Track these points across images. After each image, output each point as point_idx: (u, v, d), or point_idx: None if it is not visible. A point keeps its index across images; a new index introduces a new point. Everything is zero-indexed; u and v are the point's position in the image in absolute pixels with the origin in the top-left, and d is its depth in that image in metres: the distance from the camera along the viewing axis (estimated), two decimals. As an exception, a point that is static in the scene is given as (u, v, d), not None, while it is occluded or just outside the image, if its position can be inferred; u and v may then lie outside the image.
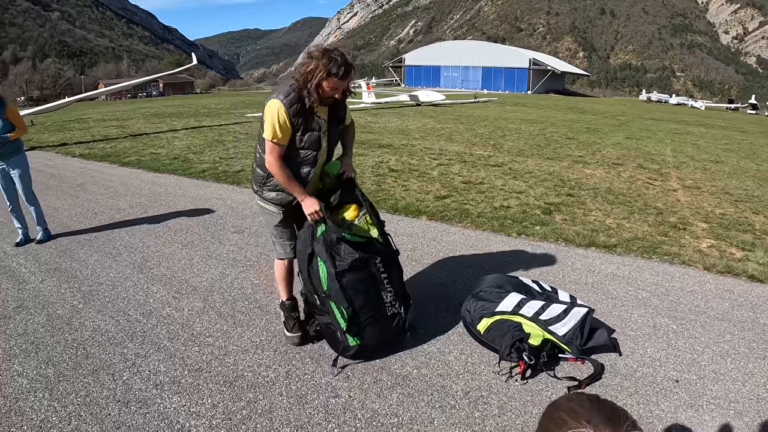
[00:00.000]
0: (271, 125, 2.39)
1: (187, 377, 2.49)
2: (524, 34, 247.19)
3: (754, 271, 3.91)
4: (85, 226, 4.91)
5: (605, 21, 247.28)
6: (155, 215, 5.27)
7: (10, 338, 2.85)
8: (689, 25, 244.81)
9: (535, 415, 2.30)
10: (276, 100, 2.39)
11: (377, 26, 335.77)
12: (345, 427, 2.17)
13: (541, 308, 2.72)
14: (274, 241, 2.82)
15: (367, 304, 2.56)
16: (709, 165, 9.25)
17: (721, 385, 2.56)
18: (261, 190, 2.67)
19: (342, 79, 2.35)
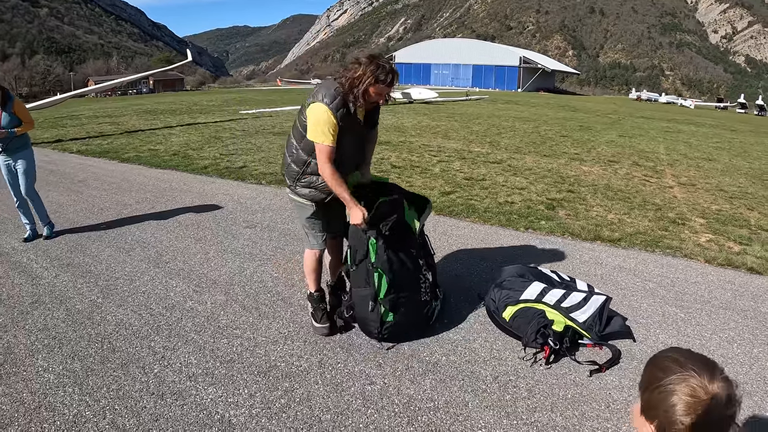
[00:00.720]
0: (320, 129, 2.46)
1: (220, 368, 2.52)
2: (514, 32, 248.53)
3: (752, 263, 4.07)
4: (93, 222, 4.87)
5: (595, 20, 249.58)
6: (163, 210, 5.26)
7: (31, 333, 2.84)
8: (678, 24, 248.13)
9: (561, 397, 2.40)
10: (322, 104, 2.46)
11: (367, 24, 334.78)
12: (384, 413, 2.24)
13: (562, 296, 2.82)
14: (307, 232, 2.87)
15: (405, 283, 2.73)
16: (703, 163, 9.49)
17: (730, 368, 2.68)
18: (294, 185, 2.73)
19: (389, 86, 2.46)
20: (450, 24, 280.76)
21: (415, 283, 2.78)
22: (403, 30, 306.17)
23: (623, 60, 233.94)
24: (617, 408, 2.35)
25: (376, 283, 2.67)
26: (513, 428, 2.20)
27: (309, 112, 2.50)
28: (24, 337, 2.78)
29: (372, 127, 2.76)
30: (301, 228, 2.93)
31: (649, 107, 37.98)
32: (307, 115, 2.52)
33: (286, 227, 4.79)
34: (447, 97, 28.71)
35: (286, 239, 4.46)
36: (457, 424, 2.21)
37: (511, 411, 2.30)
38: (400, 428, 2.16)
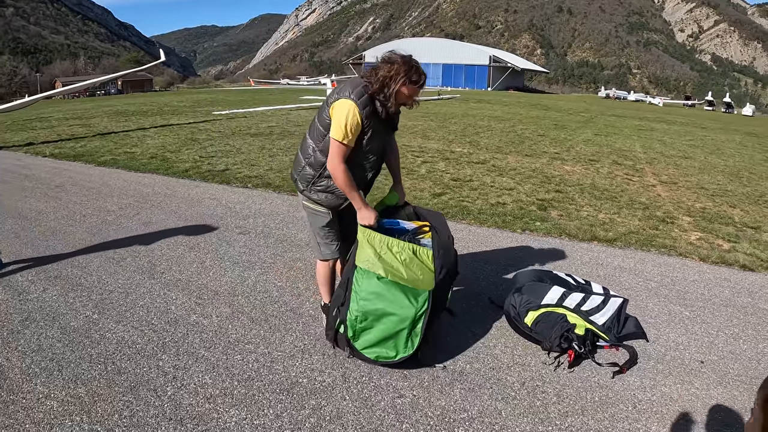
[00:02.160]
0: (343, 125, 2.34)
1: (239, 388, 2.39)
2: (482, 31, 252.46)
3: (744, 261, 4.22)
4: (76, 229, 4.59)
5: (563, 19, 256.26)
6: (150, 217, 5.01)
7: (25, 355, 2.61)
8: (645, 23, 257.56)
9: (589, 400, 2.41)
10: (349, 100, 2.35)
11: (335, 23, 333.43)
12: (419, 427, 2.17)
13: (582, 300, 2.82)
14: (319, 242, 2.75)
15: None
16: (680, 161, 9.82)
17: (740, 364, 2.76)
18: (309, 189, 2.61)
19: (420, 88, 2.41)
20: (419, 23, 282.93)
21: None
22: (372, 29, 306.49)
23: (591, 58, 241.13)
24: (644, 408, 2.37)
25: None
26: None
27: (334, 109, 2.39)
28: (18, 359, 2.56)
29: (392, 130, 2.67)
30: (313, 237, 2.80)
31: (619, 105, 39.13)
32: (332, 112, 2.40)
33: (282, 233, 4.65)
34: (419, 96, 28.77)
35: (283, 246, 4.32)
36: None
37: (544, 417, 2.28)
38: (439, 444, 2.11)
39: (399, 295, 2.41)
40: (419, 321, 2.43)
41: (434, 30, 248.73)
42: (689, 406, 2.40)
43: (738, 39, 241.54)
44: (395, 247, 2.45)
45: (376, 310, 2.42)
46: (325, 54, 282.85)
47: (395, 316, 2.41)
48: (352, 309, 2.46)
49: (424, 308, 2.43)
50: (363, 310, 2.43)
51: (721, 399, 2.46)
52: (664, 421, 2.30)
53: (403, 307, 2.40)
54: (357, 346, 2.51)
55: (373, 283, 2.42)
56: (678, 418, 2.32)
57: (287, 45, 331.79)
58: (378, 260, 2.42)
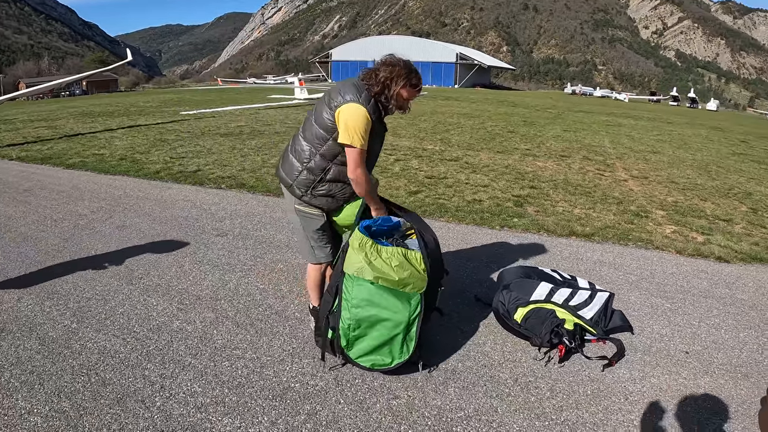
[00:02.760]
0: (360, 132, 2.32)
1: (230, 395, 2.31)
2: (449, 29, 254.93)
3: (719, 253, 4.39)
4: (48, 235, 4.35)
5: (528, 16, 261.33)
6: (123, 220, 4.80)
7: (3, 369, 2.45)
8: (610, 20, 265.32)
9: (582, 394, 2.45)
10: (360, 105, 2.32)
11: (301, 21, 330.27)
12: (417, 428, 2.15)
13: (569, 295, 2.86)
14: (313, 246, 2.68)
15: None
16: (649, 156, 10.15)
17: (723, 353, 2.87)
18: (308, 194, 2.52)
19: (418, 92, 2.45)
20: (385, 21, 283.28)
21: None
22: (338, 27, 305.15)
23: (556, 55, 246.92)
24: (636, 399, 2.42)
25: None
26: (546, 429, 2.20)
27: (343, 114, 2.33)
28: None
29: (384, 132, 2.65)
30: (306, 241, 2.70)
31: (586, 101, 40.14)
32: (340, 116, 2.34)
33: (260, 234, 4.54)
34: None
35: (263, 247, 4.22)
36: (493, 431, 2.16)
37: (540, 412, 2.30)
38: (439, 445, 2.09)
39: (391, 299, 2.37)
40: (413, 325, 2.39)
41: (401, 28, 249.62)
42: (678, 395, 2.47)
43: (702, 35, 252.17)
44: (384, 253, 2.40)
45: (370, 316, 2.37)
46: (292, 53, 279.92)
47: (389, 321, 2.36)
48: (344, 317, 2.40)
49: (417, 311, 2.40)
50: (356, 318, 2.37)
51: (708, 388, 2.54)
52: (656, 411, 2.35)
53: (396, 311, 2.36)
54: (351, 355, 2.45)
55: (364, 289, 2.37)
56: (669, 408, 2.39)
57: (253, 44, 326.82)
58: (368, 266, 2.36)
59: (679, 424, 2.27)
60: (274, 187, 6.21)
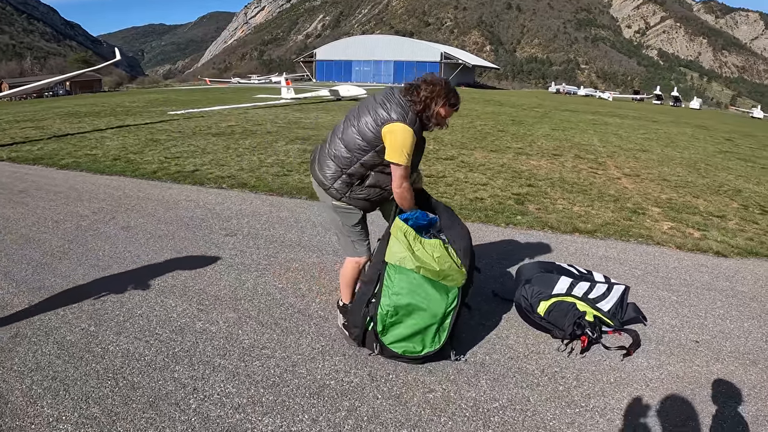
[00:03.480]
0: (406, 153, 2.41)
1: (267, 395, 2.31)
2: (432, 28, 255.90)
3: (717, 248, 4.56)
4: (50, 236, 4.26)
5: (512, 15, 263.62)
6: (127, 221, 4.73)
7: (24, 375, 2.39)
8: (593, 19, 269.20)
9: (606, 382, 2.54)
10: (407, 126, 2.41)
11: (285, 21, 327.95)
12: (457, 419, 2.20)
13: (588, 288, 2.95)
14: (354, 240, 2.74)
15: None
16: (638, 154, 10.40)
17: (730, 342, 2.99)
18: (350, 192, 2.58)
19: (455, 111, 2.54)
20: (368, 20, 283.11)
21: None
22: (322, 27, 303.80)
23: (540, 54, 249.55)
24: (656, 386, 2.52)
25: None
26: (578, 416, 2.28)
27: (391, 134, 2.40)
28: (16, 380, 2.34)
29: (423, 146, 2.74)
30: (345, 237, 2.75)
31: (570, 100, 40.71)
32: (388, 135, 2.40)
33: (270, 234, 4.53)
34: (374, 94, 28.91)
35: (275, 247, 4.22)
36: (528, 419, 2.23)
37: (569, 401, 2.38)
38: (480, 431, 2.14)
39: (431, 290, 2.44)
40: (448, 316, 2.47)
41: (384, 27, 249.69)
42: (694, 382, 2.58)
43: (684, 35, 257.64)
44: (427, 244, 2.48)
45: (408, 305, 2.44)
46: (275, 52, 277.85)
47: (426, 311, 2.44)
48: (383, 304, 2.47)
49: (453, 305, 2.48)
50: (395, 305, 2.45)
51: (721, 374, 2.65)
52: (676, 397, 2.45)
53: (434, 302, 2.43)
54: (384, 340, 2.51)
55: (405, 277, 2.44)
56: (687, 393, 2.48)
57: (236, 43, 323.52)
58: (411, 255, 2.43)
59: (699, 408, 2.37)
60: (276, 187, 6.19)
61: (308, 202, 5.69)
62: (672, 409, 2.35)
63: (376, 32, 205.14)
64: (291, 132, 11.44)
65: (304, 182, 6.49)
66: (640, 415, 2.30)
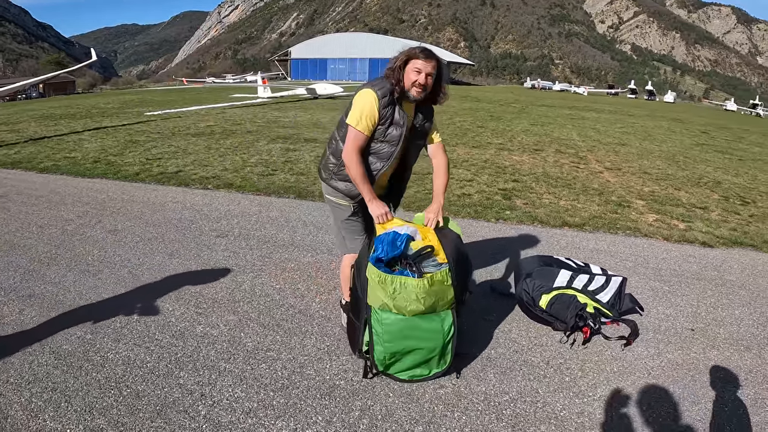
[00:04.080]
0: (359, 112, 2.37)
1: (277, 398, 2.27)
2: (406, 25, 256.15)
3: (703, 238, 4.70)
4: (36, 242, 4.10)
5: (485, 12, 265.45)
6: (114, 224, 4.58)
7: (21, 388, 2.29)
8: (567, 15, 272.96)
9: (610, 371, 2.60)
10: (370, 89, 2.39)
11: (259, 19, 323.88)
12: (471, 413, 2.21)
13: (588, 281, 3.01)
14: (345, 236, 2.70)
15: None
16: (617, 148, 10.63)
17: (724, 329, 3.09)
18: (330, 177, 2.58)
19: (425, 60, 2.38)
20: (342, 18, 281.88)
21: None
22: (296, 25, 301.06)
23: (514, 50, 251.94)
24: (657, 374, 2.59)
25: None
26: (587, 405, 2.32)
27: (354, 98, 2.42)
28: (13, 393, 2.24)
29: (421, 137, 2.63)
30: (337, 231, 2.74)
31: (547, 95, 41.24)
32: (353, 100, 2.42)
33: (261, 234, 4.47)
34: (351, 91, 28.84)
35: (268, 247, 4.16)
36: (539, 411, 2.26)
37: (577, 391, 2.42)
38: (493, 425, 2.16)
39: (423, 328, 2.31)
40: (449, 344, 2.38)
41: (358, 25, 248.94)
42: (693, 368, 2.66)
43: (657, 29, 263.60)
44: (409, 286, 2.26)
45: (404, 348, 2.33)
46: (249, 51, 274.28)
47: (423, 349, 2.34)
48: (377, 350, 2.35)
49: (451, 333, 2.36)
50: (390, 351, 2.33)
51: (717, 360, 2.74)
52: (677, 383, 2.52)
53: (429, 339, 2.33)
54: (390, 372, 2.42)
55: (392, 323, 2.30)
56: (687, 380, 2.56)
57: (210, 43, 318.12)
58: (392, 303, 2.27)
59: (700, 394, 2.44)
60: (262, 187, 6.11)
61: (297, 201, 5.64)
62: (675, 396, 2.42)
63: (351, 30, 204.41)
64: (271, 131, 11.31)
65: (290, 181, 6.42)
66: (645, 403, 2.36)
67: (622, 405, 2.34)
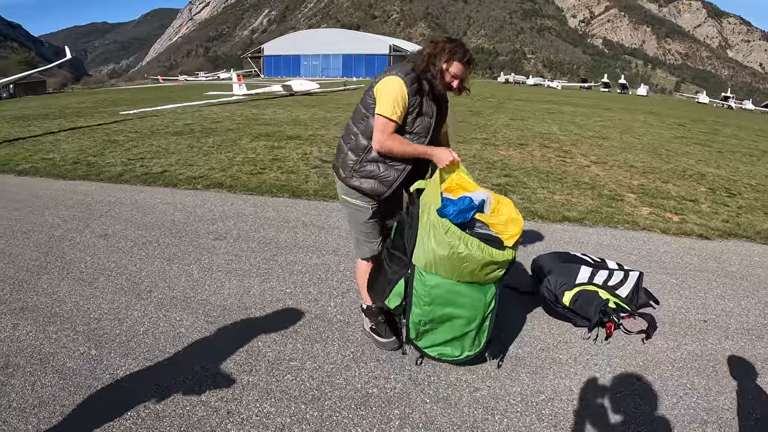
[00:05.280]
0: (390, 100, 2.23)
1: (311, 411, 2.16)
2: (379, 21, 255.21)
3: (699, 231, 4.79)
4: (22, 249, 3.84)
5: (458, 7, 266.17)
6: (104, 228, 4.33)
7: (26, 414, 2.09)
8: (539, 9, 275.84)
9: (635, 365, 2.61)
10: (396, 76, 2.25)
11: (230, 16, 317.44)
12: (511, 415, 2.17)
13: (608, 276, 3.00)
14: (362, 240, 2.58)
15: None
16: (600, 141, 10.80)
17: (734, 320, 3.15)
18: (351, 176, 2.42)
19: (465, 66, 2.29)
20: (314, 14, 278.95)
21: None
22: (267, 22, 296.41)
23: (486, 45, 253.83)
24: (681, 366, 2.62)
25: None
26: (623, 400, 2.32)
27: (379, 86, 2.27)
28: (19, 420, 2.04)
29: (442, 121, 2.53)
30: (353, 235, 2.62)
31: (521, 90, 41.69)
32: (377, 89, 2.28)
33: (261, 235, 4.31)
34: (327, 88, 28.60)
35: (270, 249, 4.01)
36: (578, 409, 2.24)
37: (609, 386, 2.42)
38: (535, 426, 2.13)
39: (467, 295, 2.25)
40: (487, 319, 2.33)
41: (330, 21, 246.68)
42: (712, 359, 2.69)
43: (628, 23, 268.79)
44: (461, 244, 2.14)
45: (442, 315, 2.28)
46: (221, 48, 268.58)
47: (462, 318, 2.29)
48: (415, 312, 2.30)
49: (492, 306, 2.31)
50: (427, 317, 2.28)
51: (733, 350, 2.79)
52: (701, 374, 2.54)
53: (471, 307, 2.27)
54: (420, 344, 2.40)
55: (437, 287, 2.22)
56: (709, 371, 2.58)
57: (181, 40, 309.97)
58: (441, 260, 2.17)
59: (723, 383, 2.48)
60: (253, 186, 5.93)
61: (291, 200, 5.49)
62: (701, 387, 2.43)
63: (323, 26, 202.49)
64: (252, 129, 11.05)
65: (281, 180, 6.26)
66: (676, 395, 2.36)
67: (654, 398, 2.34)
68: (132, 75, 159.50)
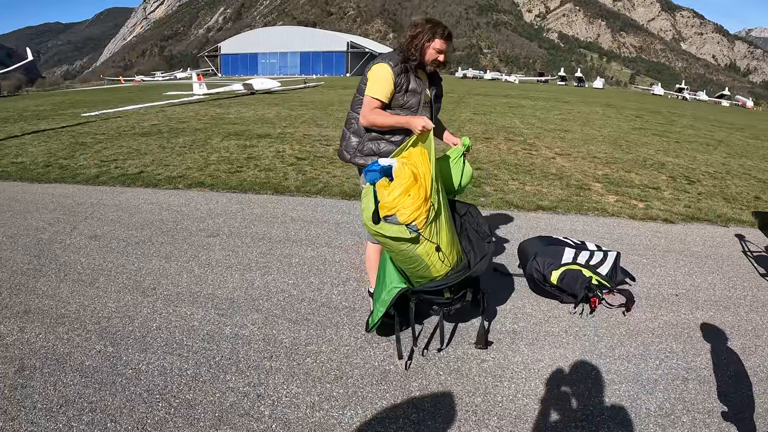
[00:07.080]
0: (375, 83, 2.53)
1: (336, 389, 2.30)
2: (335, 17, 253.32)
3: (664, 215, 5.22)
4: (12, 253, 3.74)
5: (414, 2, 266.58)
6: (92, 230, 4.27)
7: (54, 413, 2.10)
8: (495, 4, 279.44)
9: (620, 335, 2.91)
10: (381, 62, 2.56)
11: (185, 15, 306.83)
12: (518, 380, 2.41)
13: (589, 256, 3.29)
14: None
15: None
16: (562, 134, 11.32)
17: (703, 293, 3.52)
18: (354, 156, 2.69)
19: (446, 40, 2.56)
20: (270, 12, 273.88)
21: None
22: (223, 20, 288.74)
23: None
24: (660, 333, 2.94)
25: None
26: (612, 364, 2.60)
27: (369, 73, 2.57)
28: (48, 420, 2.06)
29: (437, 98, 2.79)
30: None
31: (479, 84, 42.39)
32: (368, 75, 2.57)
33: (253, 231, 4.38)
34: (287, 86, 28.36)
35: (264, 244, 4.10)
36: (574, 372, 2.50)
37: (598, 353, 2.69)
38: (540, 388, 2.37)
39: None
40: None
41: (286, 18, 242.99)
42: (687, 327, 3.02)
43: (583, 17, 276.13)
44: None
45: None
46: (176, 47, 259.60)
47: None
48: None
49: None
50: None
51: (704, 319, 3.14)
52: (678, 340, 2.86)
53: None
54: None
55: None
56: (685, 337, 2.91)
57: (136, 40, 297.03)
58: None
59: (699, 347, 2.80)
60: (234, 184, 5.95)
61: (276, 197, 5.56)
62: (679, 350, 2.75)
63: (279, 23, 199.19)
64: (220, 128, 10.92)
65: (260, 178, 6.29)
66: (657, 358, 2.66)
67: (639, 361, 2.62)
68: (87, 76, 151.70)
